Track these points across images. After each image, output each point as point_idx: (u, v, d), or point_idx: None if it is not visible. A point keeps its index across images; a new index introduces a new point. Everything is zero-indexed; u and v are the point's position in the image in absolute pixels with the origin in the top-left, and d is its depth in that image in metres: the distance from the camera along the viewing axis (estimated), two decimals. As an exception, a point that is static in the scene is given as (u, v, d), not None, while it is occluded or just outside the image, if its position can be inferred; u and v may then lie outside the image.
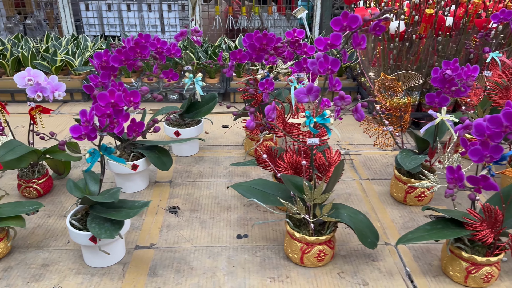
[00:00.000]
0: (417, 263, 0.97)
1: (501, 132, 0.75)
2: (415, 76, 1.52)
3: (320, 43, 0.84)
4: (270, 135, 1.37)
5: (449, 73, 0.93)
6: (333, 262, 0.97)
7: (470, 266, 0.88)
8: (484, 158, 0.80)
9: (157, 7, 3.34)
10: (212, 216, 1.13)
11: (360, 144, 1.55)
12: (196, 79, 1.36)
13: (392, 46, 1.48)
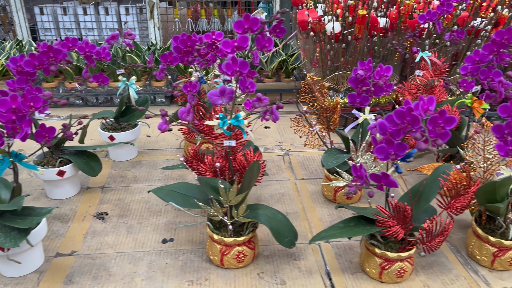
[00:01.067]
0: (338, 261, 0.98)
1: (399, 130, 0.77)
2: (353, 76, 1.54)
3: (227, 46, 0.84)
4: (207, 138, 1.37)
5: (361, 73, 0.94)
6: (255, 262, 0.97)
7: (384, 262, 0.89)
8: (389, 155, 0.81)
9: (114, 10, 3.30)
10: (141, 221, 1.12)
11: (301, 145, 1.56)
12: (130, 83, 1.34)
13: (329, 47, 1.50)
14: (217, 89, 0.88)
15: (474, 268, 0.96)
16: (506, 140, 0.87)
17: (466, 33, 1.56)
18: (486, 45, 1.02)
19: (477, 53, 1.08)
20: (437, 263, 0.98)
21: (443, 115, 0.68)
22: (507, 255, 0.93)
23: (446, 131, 0.70)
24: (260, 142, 1.58)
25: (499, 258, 0.93)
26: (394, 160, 0.83)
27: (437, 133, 0.70)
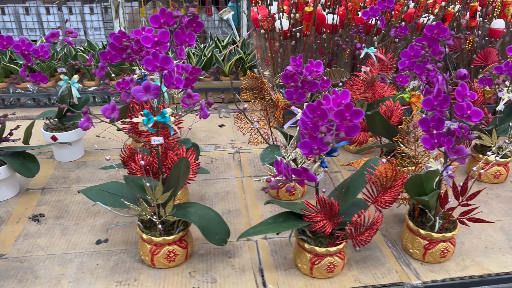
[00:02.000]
0: (273, 257, 0.98)
1: (316, 125, 0.76)
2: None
3: (147, 41, 0.83)
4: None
5: (289, 68, 0.94)
6: (188, 261, 0.96)
7: (313, 257, 0.89)
8: (313, 150, 0.81)
9: (78, 10, 3.25)
10: (77, 222, 1.09)
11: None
12: (72, 81, 1.31)
13: (278, 44, 1.50)
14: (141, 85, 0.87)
15: (407, 262, 0.97)
16: (432, 134, 0.88)
17: (415, 29, 1.58)
18: (417, 40, 1.03)
19: (412, 48, 1.08)
20: (371, 257, 0.98)
21: (349, 108, 0.68)
22: (437, 247, 0.93)
23: (354, 124, 0.69)
24: (213, 140, 1.57)
25: (430, 251, 0.94)
26: (317, 154, 0.82)
27: (346, 127, 0.70)
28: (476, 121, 0.84)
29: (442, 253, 0.94)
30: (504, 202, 1.19)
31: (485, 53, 1.64)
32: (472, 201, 1.18)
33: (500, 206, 1.17)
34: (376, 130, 1.18)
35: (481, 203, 1.18)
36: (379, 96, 1.25)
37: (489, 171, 1.26)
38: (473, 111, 0.85)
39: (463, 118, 0.85)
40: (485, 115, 1.31)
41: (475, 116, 0.85)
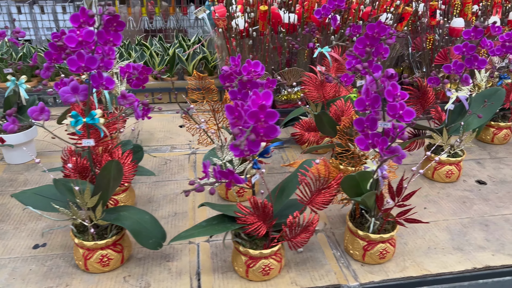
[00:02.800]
0: (213, 260, 0.96)
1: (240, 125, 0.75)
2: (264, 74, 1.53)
3: (71, 41, 0.81)
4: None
5: (225, 69, 0.93)
6: (124, 266, 0.94)
7: (248, 259, 0.88)
8: (244, 152, 0.80)
9: (50, 9, 3.20)
10: (17, 226, 1.07)
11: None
12: (20, 82, 1.29)
13: (235, 43, 1.49)
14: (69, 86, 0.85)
15: (347, 263, 0.96)
16: (367, 134, 0.87)
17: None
18: (359, 40, 1.02)
19: (357, 48, 1.08)
20: (312, 259, 0.97)
21: (263, 110, 0.67)
22: (376, 248, 0.93)
23: (270, 125, 0.68)
24: (171, 141, 1.55)
25: (369, 252, 0.93)
26: (249, 156, 0.81)
27: (263, 128, 0.69)
28: (408, 121, 0.84)
29: (381, 254, 0.93)
30: (454, 202, 1.19)
31: (445, 52, 1.64)
32: (422, 201, 1.19)
33: (449, 206, 1.17)
34: (324, 130, 1.17)
35: (430, 203, 1.18)
36: (328, 96, 1.24)
37: (440, 170, 1.26)
38: (405, 111, 0.84)
39: (395, 118, 0.84)
40: (438, 114, 1.31)
41: (407, 116, 0.84)
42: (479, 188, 1.26)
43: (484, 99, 1.30)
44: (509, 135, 1.53)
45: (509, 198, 1.20)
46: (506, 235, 1.05)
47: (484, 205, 1.17)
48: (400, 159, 0.88)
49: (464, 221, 1.10)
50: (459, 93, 1.19)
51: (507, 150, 1.49)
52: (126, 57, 1.85)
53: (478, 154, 1.47)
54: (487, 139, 1.53)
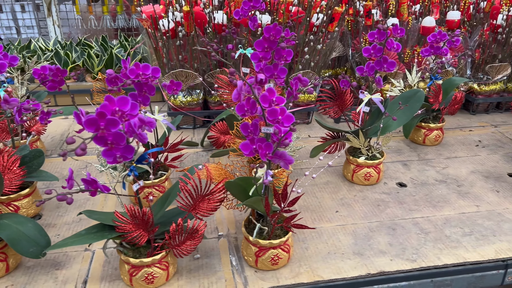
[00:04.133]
0: (104, 268, 0.94)
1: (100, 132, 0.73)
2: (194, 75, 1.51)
3: None
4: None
5: (109, 72, 0.90)
6: (10, 274, 0.91)
7: (131, 268, 0.86)
8: (117, 159, 0.78)
9: (8, 7, 3.15)
10: None
11: (141, 145, 1.52)
12: None
13: (161, 44, 1.46)
14: None
15: (241, 270, 0.94)
16: (252, 139, 0.86)
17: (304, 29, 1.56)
18: (257, 42, 1.00)
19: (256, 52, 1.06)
20: (207, 266, 0.95)
21: (102, 117, 0.65)
22: (267, 254, 0.91)
23: (112, 133, 0.66)
24: (100, 144, 1.52)
25: (261, 258, 0.92)
26: (121, 162, 0.79)
27: (110, 136, 0.67)
28: (287, 127, 0.82)
29: (272, 260, 0.92)
30: (368, 205, 1.18)
31: (380, 52, 1.63)
32: (336, 204, 1.17)
33: (362, 209, 1.16)
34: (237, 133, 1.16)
35: (344, 206, 1.17)
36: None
37: (359, 173, 1.25)
38: (285, 117, 0.83)
39: (275, 123, 0.83)
40: (358, 116, 1.29)
41: (287, 121, 0.83)
42: (397, 190, 1.25)
43: (404, 101, 1.29)
44: (441, 136, 1.52)
45: (425, 201, 1.20)
46: (411, 239, 1.04)
47: (397, 209, 1.16)
48: (287, 164, 0.87)
49: (373, 225, 1.09)
50: (373, 96, 1.18)
51: (437, 151, 1.49)
52: (64, 58, 1.81)
53: (407, 156, 1.46)
54: (419, 140, 1.53)
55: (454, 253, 0.99)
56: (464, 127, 1.70)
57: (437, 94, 1.44)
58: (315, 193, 1.23)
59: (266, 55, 1.05)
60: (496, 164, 1.40)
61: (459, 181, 1.30)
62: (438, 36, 1.38)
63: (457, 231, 1.07)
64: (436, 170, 1.36)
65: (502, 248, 1.01)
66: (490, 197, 1.22)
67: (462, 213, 1.15)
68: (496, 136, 1.61)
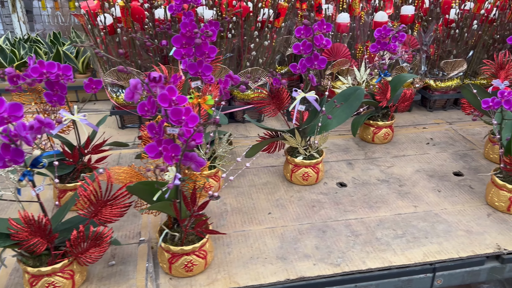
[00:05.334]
0: (11, 277, 0.90)
1: None
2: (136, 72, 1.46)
3: None
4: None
5: (7, 71, 0.85)
6: None
7: (31, 277, 0.82)
8: (6, 163, 0.73)
9: (-30, 3, 3.06)
10: None
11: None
12: None
13: (99, 40, 1.41)
14: None
15: (155, 277, 0.90)
16: (159, 140, 0.81)
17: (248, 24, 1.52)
18: (174, 38, 0.96)
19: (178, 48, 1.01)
20: (120, 273, 0.91)
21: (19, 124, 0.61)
22: (180, 261, 0.87)
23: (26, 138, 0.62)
24: (40, 144, 1.47)
25: (174, 265, 0.88)
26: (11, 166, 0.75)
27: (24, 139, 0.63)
28: (191, 127, 0.78)
29: (186, 267, 0.88)
30: (303, 206, 1.14)
31: (332, 48, 1.60)
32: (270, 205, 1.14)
33: (296, 211, 1.12)
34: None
35: (278, 207, 1.13)
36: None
37: (297, 173, 1.22)
38: (190, 117, 0.79)
39: (179, 124, 0.78)
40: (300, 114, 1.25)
41: (191, 122, 0.79)
42: (336, 191, 1.22)
43: (344, 99, 1.25)
44: (390, 134, 1.49)
45: (362, 202, 1.16)
46: (339, 242, 1.01)
47: (332, 210, 1.13)
48: (198, 167, 0.83)
49: (303, 227, 1.06)
50: (307, 94, 1.14)
51: (385, 150, 1.46)
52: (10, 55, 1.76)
53: (353, 155, 1.42)
54: (368, 138, 1.50)
55: (381, 256, 0.96)
56: (419, 124, 1.67)
57: (384, 91, 1.40)
58: (251, 194, 1.19)
59: (188, 52, 1.01)
60: (443, 162, 1.37)
61: (402, 180, 1.27)
62: (383, 31, 1.34)
63: (389, 233, 1.04)
64: (380, 169, 1.33)
65: (432, 251, 0.98)
66: (430, 197, 1.19)
67: (398, 214, 1.11)
68: (449, 134, 1.58)
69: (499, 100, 1.06)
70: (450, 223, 1.08)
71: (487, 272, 0.99)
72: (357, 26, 1.64)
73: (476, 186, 1.24)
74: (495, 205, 1.13)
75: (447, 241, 1.01)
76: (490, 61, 1.40)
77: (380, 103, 1.41)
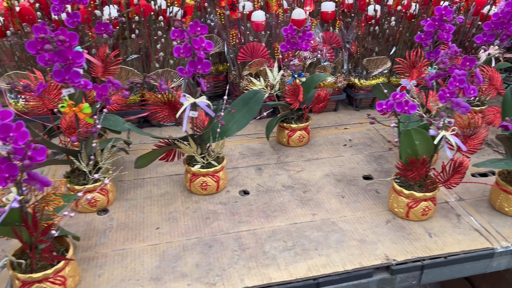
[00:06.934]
0: None
1: None
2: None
3: None
4: None
5: None
6: None
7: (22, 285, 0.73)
8: None
9: None
10: None
11: None
12: None
13: None
14: None
15: None
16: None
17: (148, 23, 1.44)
18: (28, 43, 0.87)
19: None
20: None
21: None
22: (32, 289, 0.80)
23: None
24: None
25: None
26: None
27: None
28: (20, 145, 0.70)
29: (40, 295, 0.80)
30: (196, 219, 1.08)
31: (248, 47, 1.53)
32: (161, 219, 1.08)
33: (187, 224, 1.06)
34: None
35: (169, 221, 1.07)
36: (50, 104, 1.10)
37: (195, 183, 1.15)
38: (20, 133, 0.71)
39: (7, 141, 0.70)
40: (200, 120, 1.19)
41: (21, 139, 0.71)
42: (236, 200, 1.15)
43: (244, 103, 1.19)
44: (305, 136, 1.44)
45: (260, 211, 1.10)
46: (223, 258, 0.95)
47: (226, 221, 1.07)
48: (43, 187, 0.75)
49: (190, 243, 0.99)
50: (197, 99, 1.07)
51: (300, 153, 1.40)
52: None
53: (266, 159, 1.37)
54: (284, 141, 1.44)
55: (263, 272, 0.91)
56: (342, 124, 1.63)
57: (295, 93, 1.35)
58: (144, 208, 1.12)
59: (53, 58, 0.93)
60: (355, 165, 1.33)
61: (308, 186, 1.22)
62: (289, 30, 1.28)
63: (278, 246, 0.98)
64: (289, 174, 1.27)
65: (318, 264, 0.93)
66: (332, 203, 1.14)
67: (294, 223, 1.06)
68: (370, 134, 1.54)
69: (392, 103, 1.01)
70: (345, 232, 1.03)
71: (376, 285, 0.94)
72: (275, 24, 1.58)
73: (383, 190, 1.20)
74: (395, 211, 1.09)
75: (336, 253, 0.96)
76: (402, 59, 1.36)
77: (291, 106, 1.36)
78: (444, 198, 1.17)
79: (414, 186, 1.06)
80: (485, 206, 1.13)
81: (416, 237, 1.01)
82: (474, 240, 1.01)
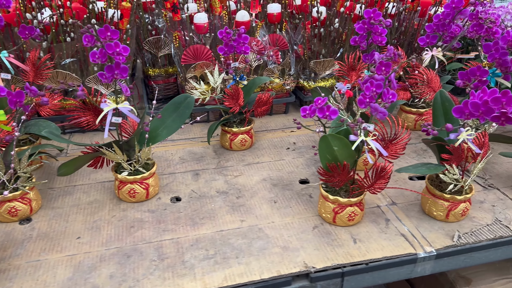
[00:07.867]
0: None
1: None
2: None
3: None
4: None
5: None
6: None
7: None
8: None
9: None
10: None
11: None
12: None
13: None
14: None
15: None
16: None
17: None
18: None
19: None
20: None
21: None
22: None
23: None
24: None
25: None
26: None
27: None
28: None
29: None
30: (120, 227, 1.05)
31: (191, 50, 1.51)
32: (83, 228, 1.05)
33: (109, 233, 1.03)
34: None
35: (92, 230, 1.04)
36: None
37: (123, 190, 1.12)
38: None
39: None
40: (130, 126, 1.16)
41: None
42: (166, 207, 1.13)
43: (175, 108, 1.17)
44: (248, 140, 1.42)
45: (188, 219, 1.08)
46: (140, 268, 0.92)
47: (151, 230, 1.04)
48: None
49: (108, 253, 0.97)
50: (120, 105, 1.04)
51: (241, 157, 1.39)
52: None
53: (206, 164, 1.35)
54: (226, 145, 1.42)
55: (177, 283, 0.89)
56: (289, 127, 1.62)
57: (234, 96, 1.33)
58: (68, 216, 1.09)
59: None
60: (294, 169, 1.32)
61: (243, 191, 1.20)
62: (224, 33, 1.26)
63: (199, 255, 0.96)
64: (225, 180, 1.26)
65: (235, 273, 0.91)
66: (263, 209, 1.12)
67: (220, 231, 1.04)
68: (315, 137, 1.53)
69: (315, 108, 1.00)
70: (270, 239, 1.02)
71: (295, 292, 0.93)
72: (220, 26, 1.56)
73: (317, 195, 1.19)
74: (323, 217, 1.08)
75: (257, 261, 0.95)
76: (341, 62, 1.35)
77: (231, 109, 1.34)
78: (377, 203, 1.16)
79: (340, 191, 1.05)
80: (416, 210, 1.13)
81: (340, 243, 1.00)
82: (398, 245, 1.00)
